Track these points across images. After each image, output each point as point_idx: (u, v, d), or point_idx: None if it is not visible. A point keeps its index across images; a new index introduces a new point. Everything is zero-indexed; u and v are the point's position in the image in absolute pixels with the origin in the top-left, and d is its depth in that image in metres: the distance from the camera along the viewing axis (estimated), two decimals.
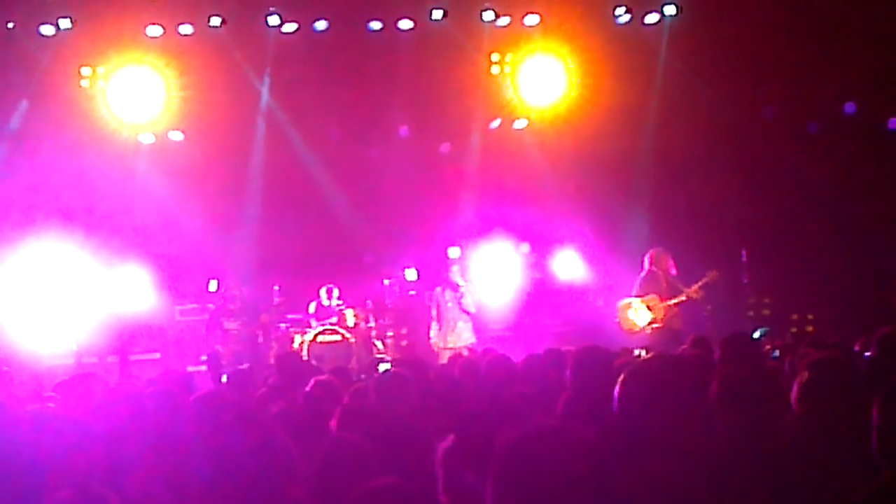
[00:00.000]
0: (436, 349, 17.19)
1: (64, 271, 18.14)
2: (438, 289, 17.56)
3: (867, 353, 8.35)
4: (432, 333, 17.46)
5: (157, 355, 18.82)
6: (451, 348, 16.77)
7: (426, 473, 5.32)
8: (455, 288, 17.21)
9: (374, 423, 7.10)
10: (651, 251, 16.61)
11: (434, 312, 17.46)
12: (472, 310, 17.32)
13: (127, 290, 18.64)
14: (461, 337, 17.15)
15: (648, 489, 3.47)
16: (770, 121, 20.01)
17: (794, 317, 19.54)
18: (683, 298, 16.25)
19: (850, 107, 19.45)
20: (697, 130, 19.85)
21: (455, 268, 17.52)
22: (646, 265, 16.53)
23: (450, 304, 17.24)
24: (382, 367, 15.29)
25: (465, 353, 15.81)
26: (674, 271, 16.47)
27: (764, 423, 4.08)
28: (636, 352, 11.90)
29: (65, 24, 18.34)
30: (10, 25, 18.26)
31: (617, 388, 3.69)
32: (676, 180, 20.00)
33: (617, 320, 16.63)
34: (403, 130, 20.30)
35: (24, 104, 18.78)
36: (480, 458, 5.14)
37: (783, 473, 3.77)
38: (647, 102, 19.68)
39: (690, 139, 19.79)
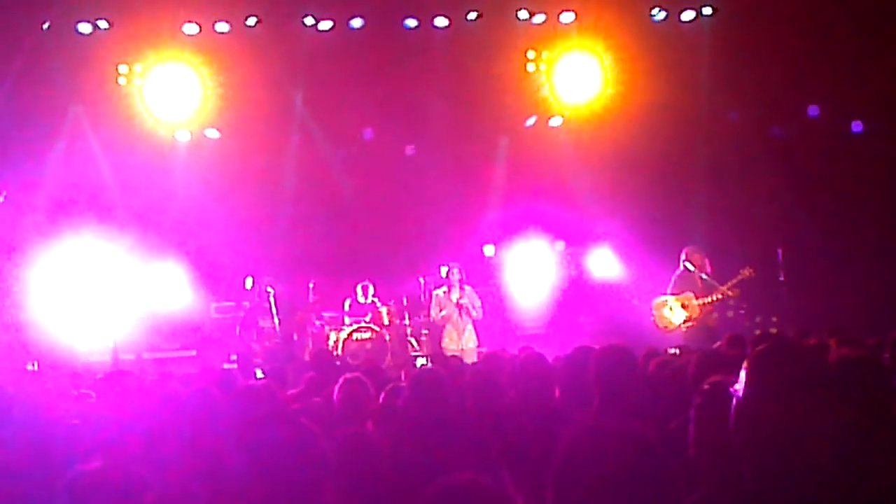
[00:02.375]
0: (446, 351, 17.13)
1: (101, 268, 18.26)
2: (440, 291, 17.53)
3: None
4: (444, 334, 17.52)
5: (193, 352, 18.90)
6: (462, 350, 16.88)
7: (461, 469, 5.31)
8: (460, 293, 17.26)
9: (407, 421, 7.13)
10: (686, 249, 16.53)
11: (434, 312, 17.49)
12: (474, 314, 17.38)
13: (163, 287, 18.75)
14: (471, 338, 17.28)
15: (767, 478, 3.57)
16: (808, 119, 19.91)
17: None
18: (719, 296, 16.18)
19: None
20: (734, 128, 19.80)
21: (456, 273, 17.47)
22: (681, 263, 16.47)
23: (455, 307, 17.30)
24: (419, 363, 15.36)
25: (474, 355, 16.17)
26: (709, 269, 16.40)
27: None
28: (670, 350, 11.82)
29: (102, 23, 18.45)
30: (46, 25, 18.36)
31: (744, 373, 3.78)
32: (712, 178, 19.94)
33: (652, 318, 16.59)
34: (438, 128, 20.26)
35: (77, 109, 18.91)
36: (519, 456, 5.15)
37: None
38: (682, 100, 19.55)
39: (727, 137, 19.75)
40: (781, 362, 3.76)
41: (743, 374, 3.77)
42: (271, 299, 18.23)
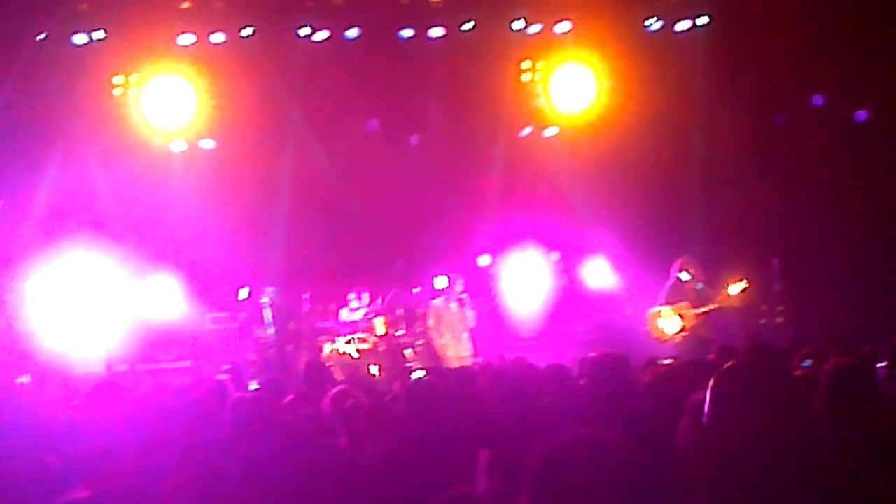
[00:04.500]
0: (444, 359, 17.54)
1: (96, 279, 18.21)
2: (440, 300, 17.89)
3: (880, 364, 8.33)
4: (442, 343, 17.87)
5: (188, 363, 18.87)
6: (460, 357, 17.22)
7: (456, 481, 5.31)
8: (461, 302, 17.64)
9: (402, 432, 7.13)
10: (680, 259, 16.57)
11: (432, 322, 17.80)
12: (472, 324, 17.76)
13: (158, 298, 18.71)
14: (466, 347, 17.58)
15: (734, 490, 3.56)
16: (803, 128, 19.91)
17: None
18: (712, 307, 16.20)
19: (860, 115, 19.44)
20: (729, 138, 19.78)
21: (460, 286, 17.82)
22: (675, 273, 16.49)
23: (456, 316, 17.64)
24: (415, 375, 15.39)
25: (468, 363, 16.67)
26: (703, 279, 16.42)
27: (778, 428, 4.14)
28: (663, 361, 11.87)
29: (98, 34, 18.43)
30: (42, 36, 18.32)
31: (709, 392, 3.77)
32: (707, 188, 19.94)
33: (647, 328, 16.60)
34: (433, 138, 20.26)
35: (72, 120, 18.84)
36: (511, 466, 5.16)
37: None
38: (677, 110, 19.56)
39: (722, 147, 19.74)
40: (742, 380, 3.75)
41: (709, 392, 3.77)
42: (266, 310, 18.24)
